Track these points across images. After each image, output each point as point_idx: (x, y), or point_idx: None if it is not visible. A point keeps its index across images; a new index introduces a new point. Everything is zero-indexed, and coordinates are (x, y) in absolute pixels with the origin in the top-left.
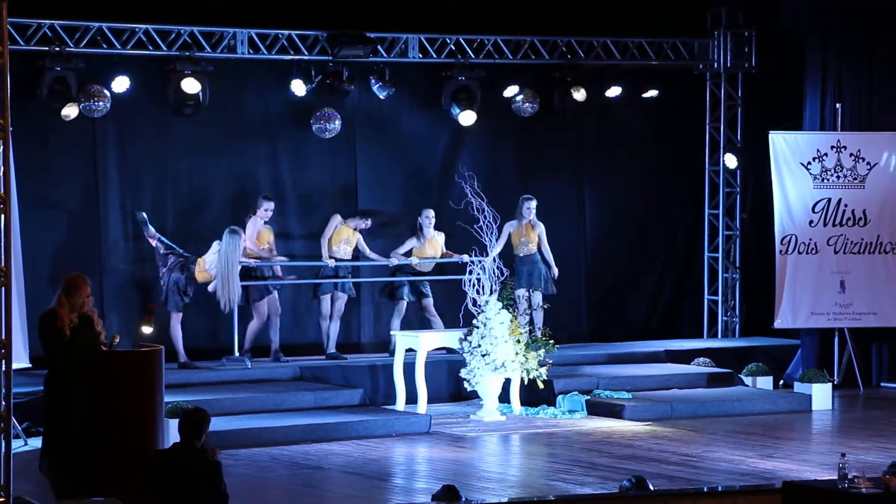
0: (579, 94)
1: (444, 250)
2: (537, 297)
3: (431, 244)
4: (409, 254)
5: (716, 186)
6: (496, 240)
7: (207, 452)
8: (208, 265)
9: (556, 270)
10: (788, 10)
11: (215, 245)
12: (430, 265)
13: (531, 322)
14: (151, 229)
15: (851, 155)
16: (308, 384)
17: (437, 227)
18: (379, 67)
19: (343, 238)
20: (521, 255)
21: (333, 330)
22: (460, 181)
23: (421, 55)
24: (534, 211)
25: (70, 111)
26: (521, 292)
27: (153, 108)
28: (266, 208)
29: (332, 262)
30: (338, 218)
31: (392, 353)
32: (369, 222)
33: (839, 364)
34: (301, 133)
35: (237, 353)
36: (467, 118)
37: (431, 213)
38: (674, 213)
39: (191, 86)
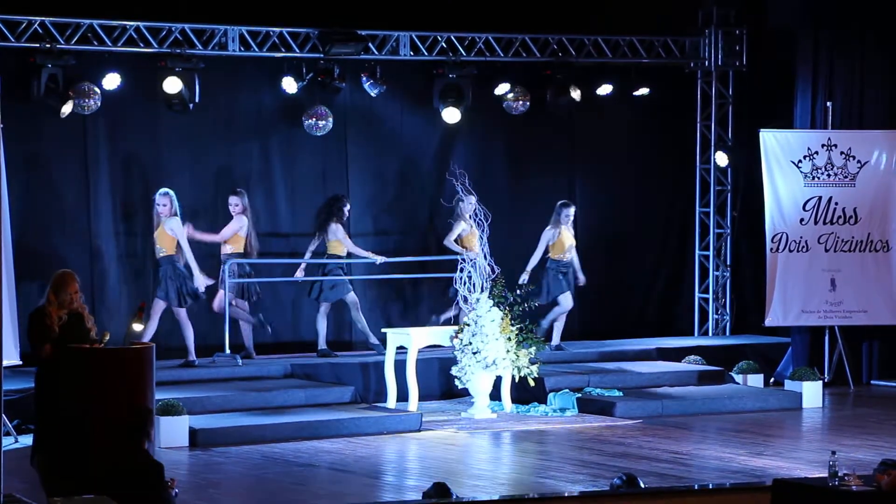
0: (576, 94)
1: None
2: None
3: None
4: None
5: (707, 184)
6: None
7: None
8: (177, 232)
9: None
10: (779, 8)
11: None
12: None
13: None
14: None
15: (842, 153)
16: (299, 382)
17: (428, 226)
18: (370, 65)
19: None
20: (566, 260)
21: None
22: (451, 179)
23: (412, 53)
24: (572, 217)
25: (66, 108)
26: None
27: (144, 105)
28: (232, 203)
29: (379, 260)
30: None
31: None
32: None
33: (830, 362)
34: (292, 130)
35: (228, 351)
36: (451, 115)
37: (474, 199)
38: (665, 211)
39: (172, 85)
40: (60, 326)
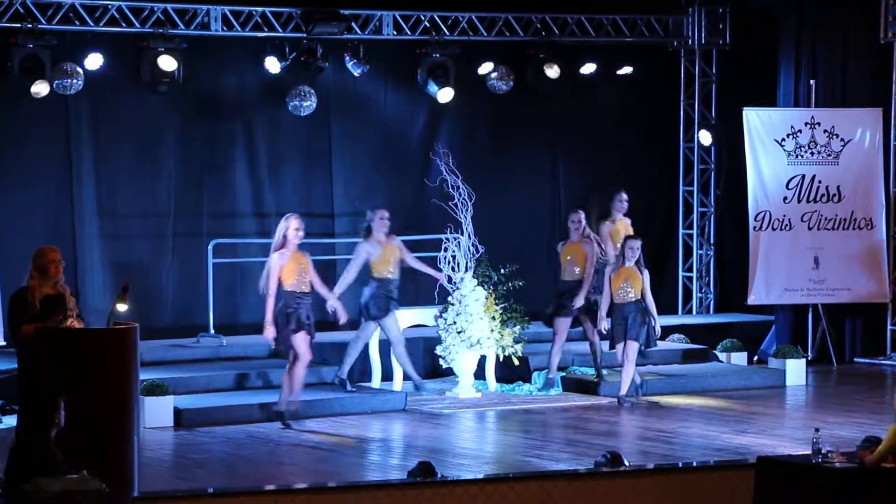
0: (552, 71)
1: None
2: (633, 347)
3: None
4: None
5: (690, 163)
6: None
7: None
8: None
9: (657, 325)
10: None
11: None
12: None
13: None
14: None
15: (825, 131)
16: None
17: (412, 204)
18: (353, 44)
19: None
20: (618, 302)
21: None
22: (435, 158)
23: (395, 32)
24: (637, 252)
25: (40, 88)
26: (620, 346)
27: (126, 86)
28: (297, 227)
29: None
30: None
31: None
32: None
33: (813, 340)
34: (276, 110)
35: (212, 331)
36: (445, 95)
37: (386, 213)
38: (648, 189)
39: (167, 63)
40: (40, 300)
